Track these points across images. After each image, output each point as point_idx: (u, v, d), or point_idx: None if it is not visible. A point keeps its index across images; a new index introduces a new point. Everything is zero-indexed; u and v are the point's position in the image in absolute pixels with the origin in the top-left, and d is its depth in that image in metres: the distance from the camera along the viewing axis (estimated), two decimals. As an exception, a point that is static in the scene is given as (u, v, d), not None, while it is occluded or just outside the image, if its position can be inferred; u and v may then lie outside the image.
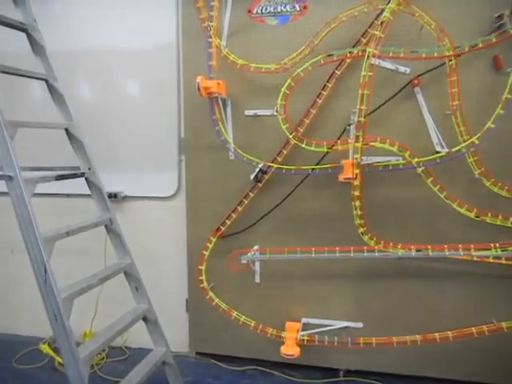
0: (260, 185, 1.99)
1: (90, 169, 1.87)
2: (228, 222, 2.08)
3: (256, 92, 2.01)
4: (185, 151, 2.16)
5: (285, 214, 2.06)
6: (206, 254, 2.09)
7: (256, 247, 2.06)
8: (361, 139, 1.64)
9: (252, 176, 1.97)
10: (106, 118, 2.29)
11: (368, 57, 1.56)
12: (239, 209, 2.05)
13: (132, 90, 2.28)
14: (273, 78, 1.97)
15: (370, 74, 1.56)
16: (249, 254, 1.95)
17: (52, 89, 1.85)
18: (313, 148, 1.80)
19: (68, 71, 2.26)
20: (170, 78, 2.17)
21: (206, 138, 2.10)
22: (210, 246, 2.09)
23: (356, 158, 1.67)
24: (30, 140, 2.53)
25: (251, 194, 2.03)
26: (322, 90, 1.89)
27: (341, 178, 1.76)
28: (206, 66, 1.99)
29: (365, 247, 1.80)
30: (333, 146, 1.82)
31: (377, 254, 1.78)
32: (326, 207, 2.00)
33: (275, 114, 1.84)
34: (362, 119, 1.61)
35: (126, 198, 2.33)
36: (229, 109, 2.05)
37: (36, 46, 1.83)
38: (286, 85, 1.74)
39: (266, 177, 1.96)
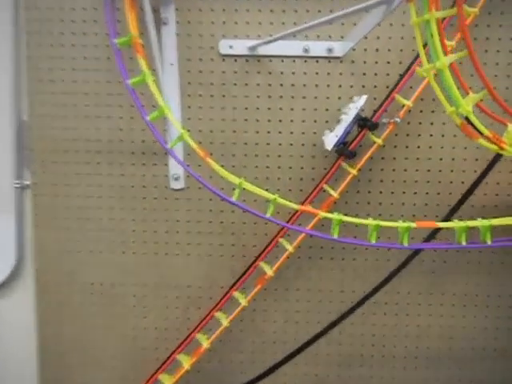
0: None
1: None
2: None
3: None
4: (34, 160, 0.72)
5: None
6: None
7: None
8: None
9: (331, 139, 0.59)
10: None
11: None
12: (203, 345, 0.66)
13: None
14: None
15: None
16: None
17: None
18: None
19: None
20: None
21: (98, 124, 0.69)
22: None
23: None
24: None
25: (241, 301, 0.65)
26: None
27: None
28: None
29: None
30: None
31: None
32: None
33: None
34: None
35: None
36: (171, 29, 0.66)
37: None
38: None
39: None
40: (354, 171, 0.63)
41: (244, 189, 0.53)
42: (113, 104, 0.68)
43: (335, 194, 0.63)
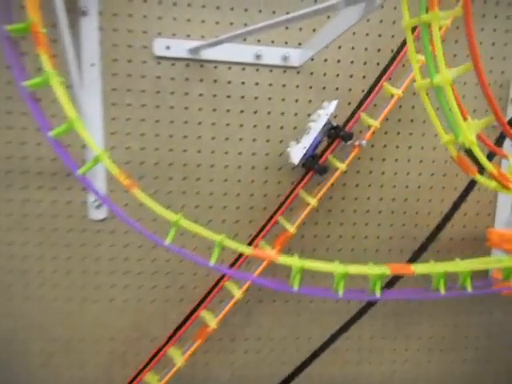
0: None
1: None
2: None
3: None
4: None
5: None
6: None
7: None
8: None
9: (298, 151, 0.50)
10: None
11: None
12: (126, 413, 0.53)
13: None
14: None
15: None
16: None
17: None
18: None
19: None
20: None
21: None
22: None
23: None
24: None
25: (177, 360, 0.52)
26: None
27: None
28: None
29: None
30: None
31: None
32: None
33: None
34: None
35: None
36: (91, 21, 0.53)
37: None
38: None
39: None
40: (313, 201, 0.53)
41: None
42: (14, 111, 0.53)
43: (291, 229, 0.53)
